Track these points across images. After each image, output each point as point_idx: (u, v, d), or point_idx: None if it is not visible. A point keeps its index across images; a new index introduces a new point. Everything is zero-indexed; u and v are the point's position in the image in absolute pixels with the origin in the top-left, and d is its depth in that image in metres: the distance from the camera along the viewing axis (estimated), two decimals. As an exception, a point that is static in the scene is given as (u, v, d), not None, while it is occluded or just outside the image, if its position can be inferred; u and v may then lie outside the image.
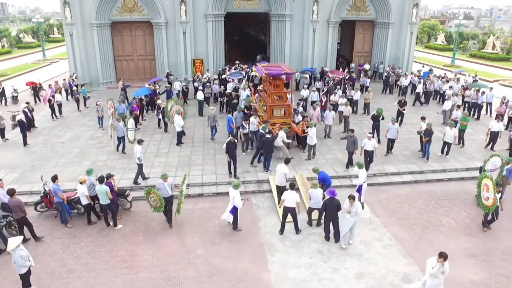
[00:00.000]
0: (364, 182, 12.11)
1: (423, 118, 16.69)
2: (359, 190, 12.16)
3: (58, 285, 9.07)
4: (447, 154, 16.08)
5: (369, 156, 14.23)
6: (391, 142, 16.14)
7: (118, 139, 16.01)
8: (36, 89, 25.02)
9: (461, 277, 9.53)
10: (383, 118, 16.97)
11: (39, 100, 24.34)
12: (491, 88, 22.92)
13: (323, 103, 19.32)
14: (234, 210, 10.94)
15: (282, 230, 11.05)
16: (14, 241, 8.25)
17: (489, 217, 11.41)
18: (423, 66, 32.33)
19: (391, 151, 16.31)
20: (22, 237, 8.72)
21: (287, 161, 12.31)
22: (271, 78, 16.10)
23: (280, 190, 11.98)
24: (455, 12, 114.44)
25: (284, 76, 17.17)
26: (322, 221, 11.15)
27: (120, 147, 16.24)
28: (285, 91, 16.56)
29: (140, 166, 13.48)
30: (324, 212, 10.62)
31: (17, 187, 11.85)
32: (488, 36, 51.67)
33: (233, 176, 13.87)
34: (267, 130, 14.31)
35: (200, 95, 21.23)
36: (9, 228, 10.57)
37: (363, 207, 12.36)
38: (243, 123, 15.55)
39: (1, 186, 11.04)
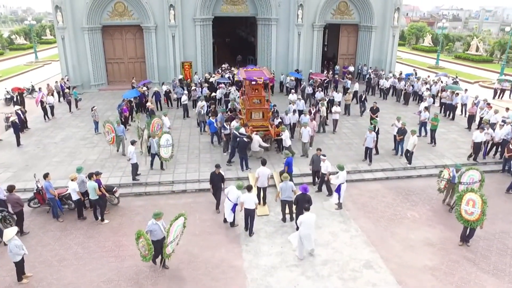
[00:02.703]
0: (343, 183, 12.85)
1: (398, 119, 17.67)
2: (338, 190, 12.97)
3: (50, 272, 9.96)
4: (409, 162, 16.24)
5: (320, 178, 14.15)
6: (368, 150, 16.25)
7: (152, 155, 15.29)
8: (22, 94, 25.05)
9: (417, 263, 10.56)
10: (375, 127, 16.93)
11: (24, 104, 24.56)
12: (466, 89, 24.09)
13: (311, 114, 18.72)
14: (235, 208, 11.61)
15: (247, 229, 11.63)
16: (9, 232, 9.15)
17: (467, 232, 11.24)
18: (414, 70, 33.19)
19: (370, 161, 16.33)
20: (17, 228, 9.60)
21: (264, 162, 13.03)
22: (251, 82, 16.91)
23: (263, 190, 13.00)
24: (444, 14, 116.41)
25: (267, 80, 17.96)
26: (294, 215, 12.09)
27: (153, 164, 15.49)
28: (263, 95, 17.29)
29: (133, 166, 14.39)
30: (296, 206, 11.57)
31: (11, 185, 12.68)
32: (472, 38, 53.11)
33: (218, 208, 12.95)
34: (240, 131, 15.16)
35: (184, 98, 22.00)
36: (4, 222, 11.42)
37: (341, 207, 13.21)
38: (225, 124, 16.49)
39: (-4, 183, 11.89)
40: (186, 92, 22.75)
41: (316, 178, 14.55)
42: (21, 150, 17.49)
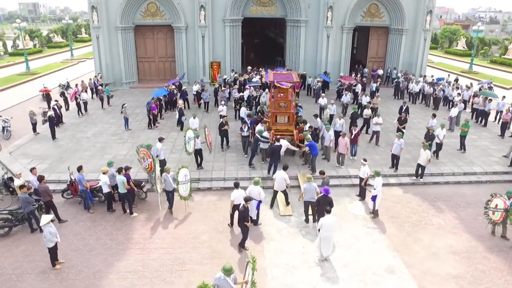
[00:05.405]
0: (379, 191, 12.53)
1: (442, 126, 16.94)
2: (373, 198, 12.71)
3: (81, 260, 10.48)
4: (421, 177, 15.45)
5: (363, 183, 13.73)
6: (395, 158, 15.86)
7: (166, 193, 12.83)
8: (49, 95, 25.45)
9: (440, 271, 10.39)
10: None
11: (67, 101, 25.43)
12: (504, 96, 23.28)
13: (353, 136, 16.76)
14: (259, 205, 11.83)
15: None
16: (45, 218, 9.82)
17: None
18: (449, 75, 31.92)
19: (396, 168, 15.92)
20: (53, 215, 10.22)
21: (285, 168, 13.13)
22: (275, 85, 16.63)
23: (278, 193, 13.15)
24: (481, 16, 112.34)
25: (293, 85, 17.68)
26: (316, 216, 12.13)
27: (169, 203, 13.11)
28: (290, 99, 17.02)
29: (161, 162, 14.76)
30: (317, 208, 11.63)
31: (46, 176, 13.27)
32: (510, 42, 51.09)
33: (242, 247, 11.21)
34: (263, 135, 15.26)
35: (221, 109, 20.50)
36: (40, 210, 12.08)
37: (377, 215, 12.93)
38: (242, 126, 16.69)
39: (35, 174, 12.60)
40: (223, 102, 21.79)
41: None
42: (56, 144, 18.34)
